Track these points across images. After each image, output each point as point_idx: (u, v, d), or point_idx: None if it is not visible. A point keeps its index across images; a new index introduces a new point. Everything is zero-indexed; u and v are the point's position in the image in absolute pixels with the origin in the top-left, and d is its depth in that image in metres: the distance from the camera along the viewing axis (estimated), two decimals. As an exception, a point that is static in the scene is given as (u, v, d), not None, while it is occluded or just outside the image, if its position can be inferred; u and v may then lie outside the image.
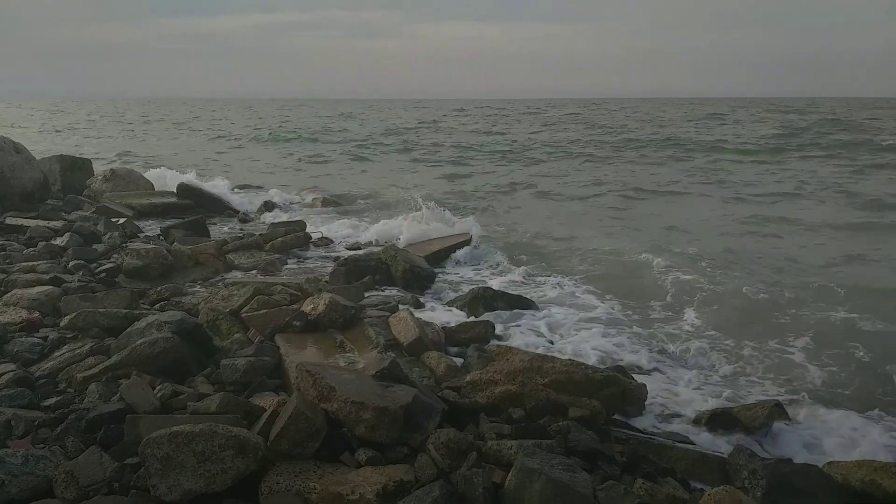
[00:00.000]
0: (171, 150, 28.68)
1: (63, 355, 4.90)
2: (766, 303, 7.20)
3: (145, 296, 6.70)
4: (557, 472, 3.16)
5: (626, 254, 9.35)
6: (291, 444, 3.39)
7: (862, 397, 5.11)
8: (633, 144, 27.86)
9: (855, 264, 9.08)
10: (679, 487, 3.55)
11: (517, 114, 57.86)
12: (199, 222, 10.39)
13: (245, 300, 5.94)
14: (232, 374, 4.48)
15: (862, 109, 58.14)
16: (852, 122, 38.23)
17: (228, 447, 3.17)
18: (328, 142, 32.77)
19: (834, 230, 11.32)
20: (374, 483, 3.21)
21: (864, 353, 5.84)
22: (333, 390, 3.62)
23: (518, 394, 4.19)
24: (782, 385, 5.32)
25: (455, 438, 3.51)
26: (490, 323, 6.22)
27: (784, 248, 10.03)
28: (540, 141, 30.69)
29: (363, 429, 3.51)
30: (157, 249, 7.61)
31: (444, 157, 24.64)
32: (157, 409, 3.90)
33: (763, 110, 57.45)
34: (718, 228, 11.76)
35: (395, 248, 8.41)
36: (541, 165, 22.23)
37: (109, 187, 13.51)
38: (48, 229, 9.41)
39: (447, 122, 45.45)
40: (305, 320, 5.44)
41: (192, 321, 5.07)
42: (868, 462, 3.74)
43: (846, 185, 16.24)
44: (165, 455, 3.11)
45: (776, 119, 43.51)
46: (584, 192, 16.20)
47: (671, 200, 14.97)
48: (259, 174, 20.40)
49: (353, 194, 15.81)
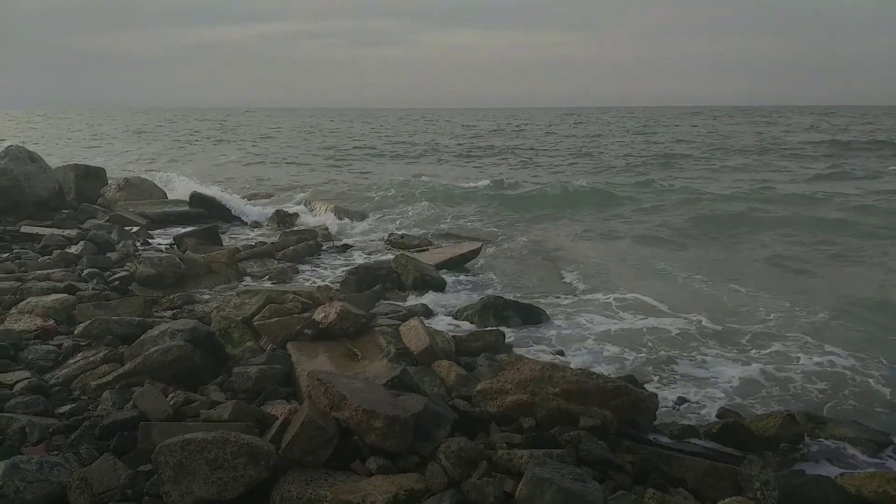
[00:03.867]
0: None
1: (77, 363, 4.95)
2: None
3: (158, 304, 6.75)
4: (568, 481, 3.16)
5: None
6: (303, 452, 3.41)
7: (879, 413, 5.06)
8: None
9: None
10: (690, 498, 3.54)
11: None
12: (212, 231, 10.46)
13: (257, 308, 5.97)
14: (244, 382, 4.51)
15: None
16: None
17: (240, 455, 3.20)
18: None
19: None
20: (384, 492, 3.23)
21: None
22: (345, 399, 3.64)
23: (529, 403, 4.19)
24: (795, 397, 5.29)
25: (466, 447, 3.52)
26: (501, 332, 6.22)
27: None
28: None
29: (374, 437, 3.53)
30: (170, 258, 7.67)
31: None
32: (169, 416, 3.94)
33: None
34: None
35: (406, 257, 8.43)
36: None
37: (123, 196, 13.63)
38: (63, 238, 9.51)
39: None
40: (317, 328, 5.47)
41: (204, 329, 5.11)
42: (881, 474, 3.73)
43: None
44: (178, 462, 3.13)
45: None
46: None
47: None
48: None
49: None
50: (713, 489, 3.68)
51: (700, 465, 3.82)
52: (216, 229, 10.66)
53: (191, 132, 47.55)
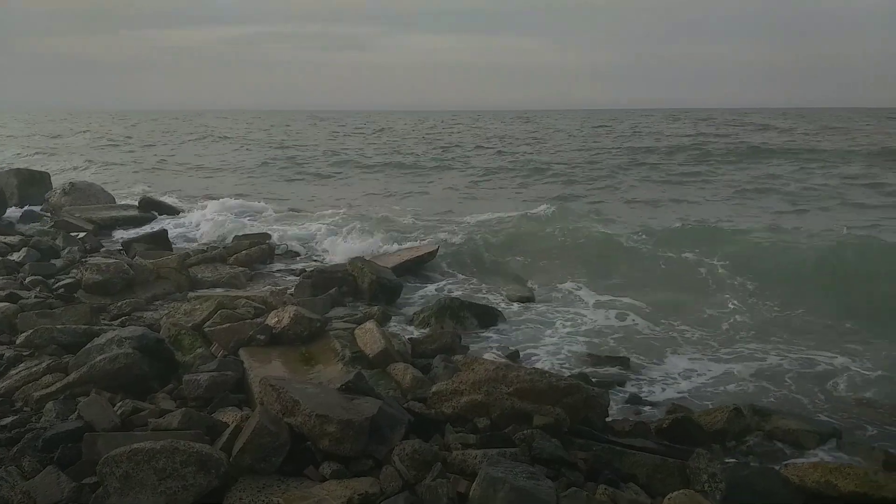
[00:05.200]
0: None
1: (19, 373, 4.79)
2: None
3: (106, 311, 6.58)
4: (521, 480, 3.19)
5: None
6: (254, 458, 3.36)
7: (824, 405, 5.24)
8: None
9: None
10: (641, 493, 3.61)
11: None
12: (162, 235, 10.24)
13: (208, 314, 5.87)
14: (194, 390, 4.43)
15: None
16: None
17: (190, 463, 3.14)
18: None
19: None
20: (338, 496, 3.21)
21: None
22: (297, 404, 3.60)
23: (483, 403, 4.22)
24: (744, 391, 5.44)
25: (420, 449, 3.52)
26: (457, 333, 6.24)
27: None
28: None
29: (327, 442, 3.50)
30: (118, 264, 7.48)
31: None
32: (116, 426, 3.84)
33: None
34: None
35: (362, 260, 8.38)
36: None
37: (69, 201, 13.25)
38: (4, 244, 9.20)
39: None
40: (270, 334, 5.40)
41: (153, 336, 5.00)
42: (823, 464, 3.85)
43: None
44: (124, 473, 3.07)
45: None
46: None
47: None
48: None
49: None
50: (663, 483, 3.75)
51: (651, 461, 3.89)
52: (166, 234, 10.44)
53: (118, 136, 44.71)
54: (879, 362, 5.90)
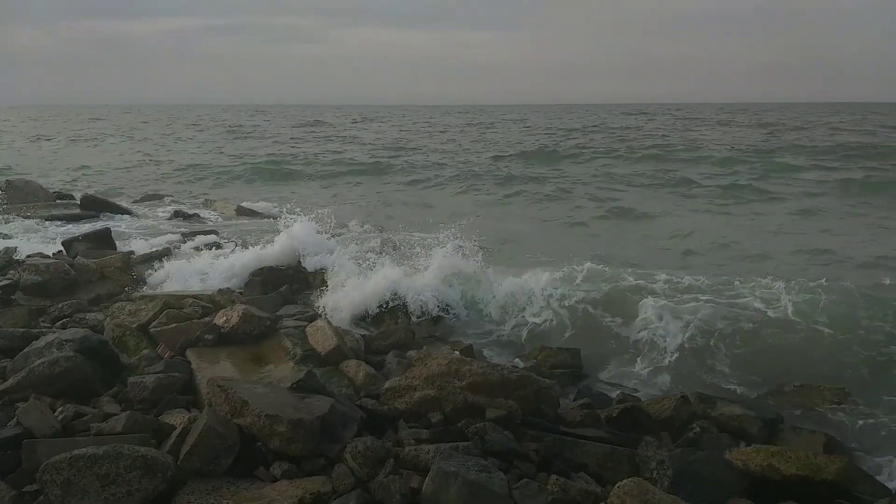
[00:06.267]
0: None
1: (-47, 380, 4.58)
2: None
3: (45, 313, 6.35)
4: (473, 473, 3.21)
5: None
6: (202, 461, 3.30)
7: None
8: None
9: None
10: (592, 482, 3.66)
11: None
12: (105, 234, 9.92)
13: (154, 314, 5.72)
14: (140, 392, 4.31)
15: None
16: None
17: (135, 468, 3.06)
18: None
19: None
20: (289, 496, 3.17)
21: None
22: (246, 404, 3.55)
23: (437, 398, 4.22)
24: (691, 378, 5.56)
25: (372, 446, 3.50)
26: (410, 329, 6.23)
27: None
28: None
29: (278, 442, 3.46)
30: (59, 264, 7.23)
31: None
32: (58, 432, 3.71)
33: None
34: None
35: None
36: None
37: (5, 199, 12.77)
38: (-65, 246, 8.78)
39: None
40: (218, 333, 5.30)
41: (96, 338, 4.85)
42: (765, 448, 3.98)
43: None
44: (66, 480, 2.97)
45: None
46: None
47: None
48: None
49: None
50: (613, 471, 3.82)
51: (601, 450, 3.96)
52: (109, 232, 10.11)
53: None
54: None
